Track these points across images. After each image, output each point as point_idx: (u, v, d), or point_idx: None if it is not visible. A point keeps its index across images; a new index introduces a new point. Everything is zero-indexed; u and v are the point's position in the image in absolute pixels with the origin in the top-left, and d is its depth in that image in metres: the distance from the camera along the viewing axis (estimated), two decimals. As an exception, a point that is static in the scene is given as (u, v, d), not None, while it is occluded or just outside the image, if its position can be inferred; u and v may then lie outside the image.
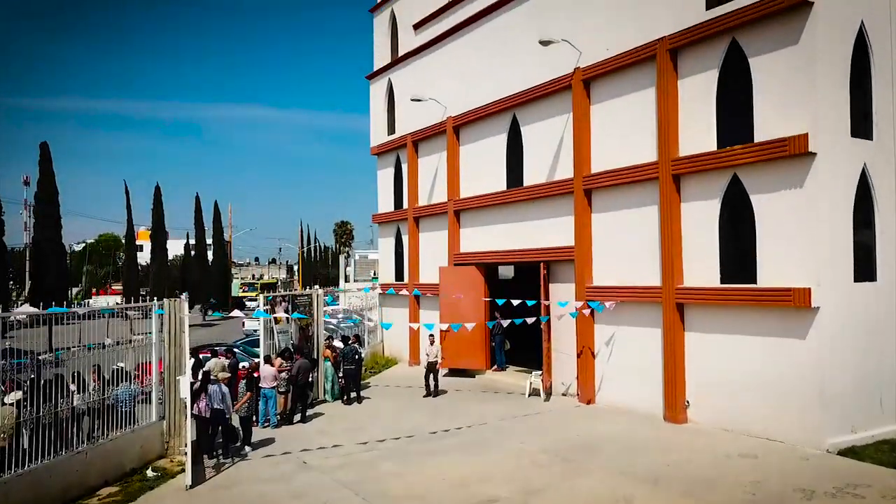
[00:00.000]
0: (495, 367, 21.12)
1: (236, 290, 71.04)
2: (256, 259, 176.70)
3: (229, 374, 13.71)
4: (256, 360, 19.20)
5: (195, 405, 12.65)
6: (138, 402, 12.80)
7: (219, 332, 46.55)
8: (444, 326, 18.56)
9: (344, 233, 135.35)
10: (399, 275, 25.77)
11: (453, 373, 21.16)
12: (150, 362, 14.13)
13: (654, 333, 15.02)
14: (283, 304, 16.98)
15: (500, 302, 18.55)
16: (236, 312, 25.20)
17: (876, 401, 12.78)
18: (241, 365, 14.75)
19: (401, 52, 25.32)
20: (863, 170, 12.83)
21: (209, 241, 63.82)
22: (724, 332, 13.62)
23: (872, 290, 12.92)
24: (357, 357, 17.67)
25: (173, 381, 12.73)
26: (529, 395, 17.76)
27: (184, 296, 13.36)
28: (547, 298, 17.56)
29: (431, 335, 18.82)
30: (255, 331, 37.47)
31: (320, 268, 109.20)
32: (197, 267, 54.25)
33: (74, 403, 11.27)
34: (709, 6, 13.83)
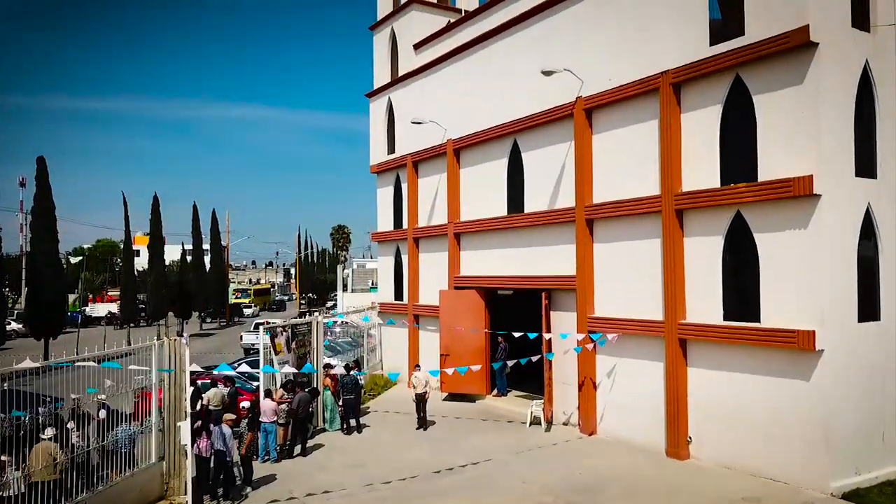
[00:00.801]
0: (496, 391, 21.03)
1: (230, 297, 70.79)
2: (253, 262, 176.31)
3: (234, 417, 13.58)
4: (256, 382, 19.13)
5: (196, 444, 12.53)
6: (137, 442, 12.65)
7: (217, 343, 46.44)
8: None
9: (341, 237, 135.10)
10: (398, 294, 25.67)
11: (454, 397, 21.08)
12: (149, 391, 14.03)
13: (657, 367, 14.96)
14: (284, 334, 16.87)
15: (502, 333, 18.45)
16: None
17: (879, 438, 12.74)
18: (242, 405, 14.61)
19: (401, 72, 25.24)
20: (867, 209, 12.78)
21: (206, 245, 63.61)
22: (728, 369, 13.56)
23: (876, 330, 12.88)
24: (357, 386, 17.58)
25: (173, 422, 12.60)
26: (530, 425, 17.68)
27: (185, 338, 13.18)
28: (549, 330, 17.49)
29: (417, 365, 18.63)
30: (254, 344, 37.65)
31: (318, 273, 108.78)
32: (194, 275, 54.00)
33: (75, 451, 11.12)
34: (712, 42, 13.77)
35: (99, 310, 63.66)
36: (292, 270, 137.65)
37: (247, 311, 73.27)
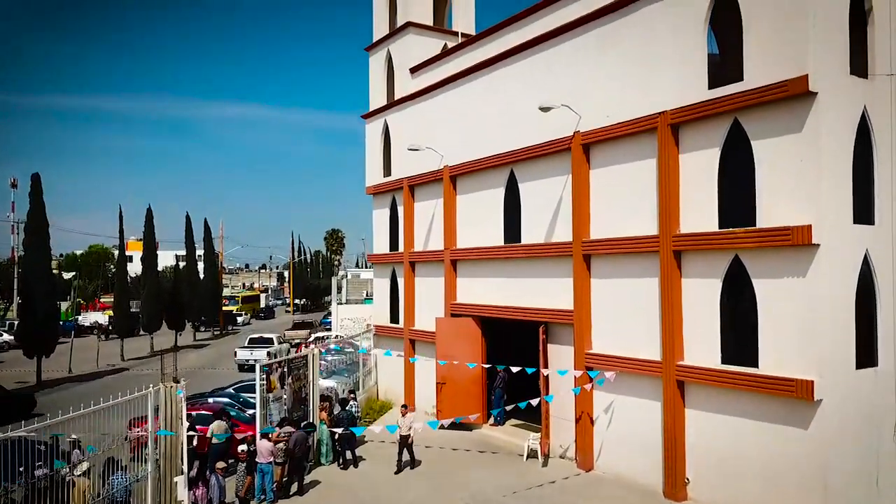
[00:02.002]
0: (492, 420, 20.99)
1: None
2: (246, 266, 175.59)
3: (225, 466, 13.49)
4: (251, 411, 19.00)
5: (192, 492, 12.47)
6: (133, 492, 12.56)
7: (211, 355, 46.26)
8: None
9: (335, 241, 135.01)
10: (394, 317, 25.61)
11: (450, 425, 20.99)
12: (144, 420, 13.95)
13: (654, 407, 14.96)
14: (279, 370, 16.77)
15: (500, 367, 18.41)
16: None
17: (873, 483, 12.77)
18: (240, 448, 14.50)
19: (397, 94, 25.18)
20: (865, 256, 12.80)
21: (200, 251, 63.45)
22: (726, 413, 13.55)
23: (873, 376, 12.90)
24: (353, 421, 17.51)
25: (169, 470, 12.52)
26: (527, 458, 17.66)
27: (182, 383, 13.09)
28: (546, 366, 17.47)
29: (404, 405, 18.24)
30: (248, 360, 37.51)
31: (311, 278, 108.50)
32: (188, 285, 53.79)
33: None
34: (711, 85, 13.77)
35: (91, 318, 63.37)
36: (286, 273, 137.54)
37: (239, 319, 72.89)
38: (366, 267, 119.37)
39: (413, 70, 24.26)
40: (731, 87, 13.26)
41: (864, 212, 12.92)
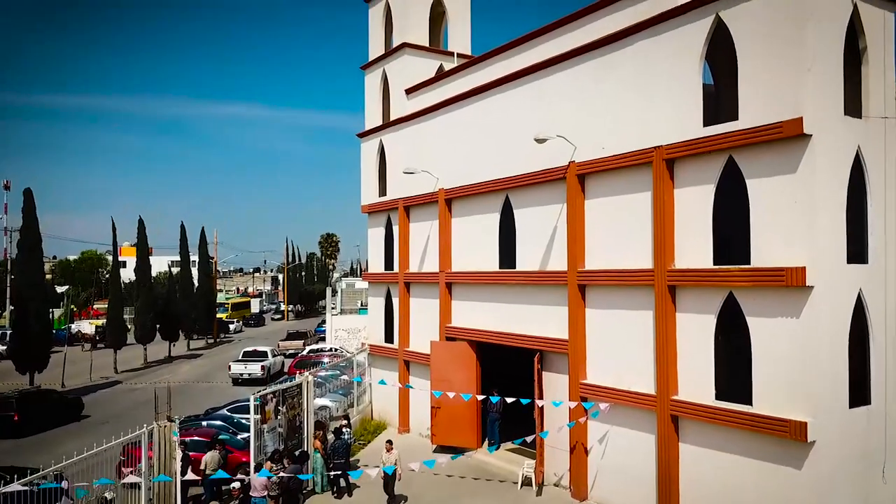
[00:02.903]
0: (487, 443, 20.96)
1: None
2: (240, 270, 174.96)
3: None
4: (245, 434, 18.94)
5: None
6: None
7: (205, 367, 45.98)
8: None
9: (330, 245, 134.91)
10: (389, 336, 25.58)
11: (444, 449, 21.00)
12: (138, 446, 13.92)
13: (649, 439, 14.98)
14: (273, 400, 16.74)
15: (495, 400, 18.43)
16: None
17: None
18: (233, 485, 14.44)
19: (393, 114, 25.17)
20: (858, 295, 12.86)
21: (194, 257, 63.12)
22: (720, 449, 13.59)
23: (866, 414, 12.96)
24: (347, 450, 17.48)
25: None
26: (522, 486, 17.66)
27: (176, 422, 13.05)
28: (541, 396, 17.48)
29: (389, 441, 17.69)
30: (242, 374, 37.39)
31: (306, 283, 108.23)
32: (182, 296, 53.58)
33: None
34: (707, 122, 13.84)
35: (84, 326, 62.90)
36: (280, 277, 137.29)
37: (231, 327, 72.23)
38: (361, 274, 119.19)
39: (409, 91, 24.27)
40: (726, 126, 13.32)
41: (857, 251, 12.99)
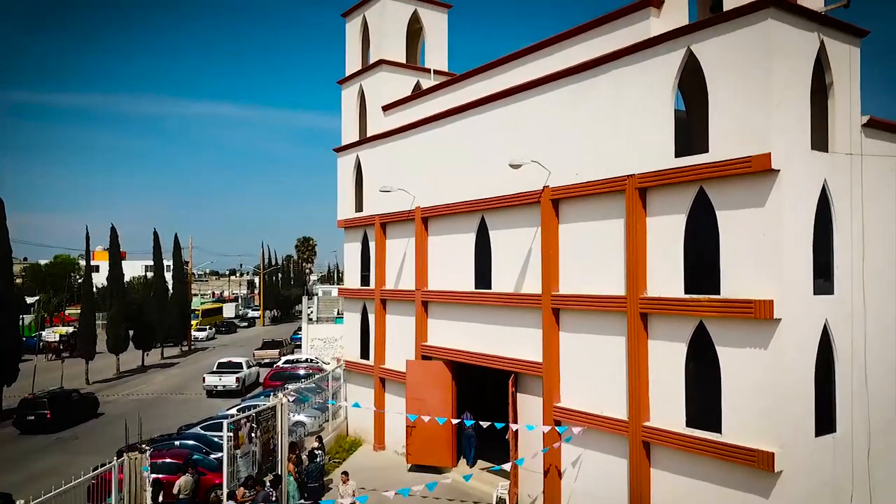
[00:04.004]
0: (462, 462, 21.04)
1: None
2: (216, 273, 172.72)
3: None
4: (218, 454, 18.80)
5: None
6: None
7: (179, 377, 45.43)
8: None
9: (307, 249, 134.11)
10: (365, 352, 25.53)
11: (419, 468, 21.04)
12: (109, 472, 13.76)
13: (621, 463, 15.15)
14: (247, 424, 16.64)
15: (469, 423, 18.48)
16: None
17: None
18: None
19: (370, 130, 25.17)
20: (824, 326, 13.14)
21: (168, 262, 62.49)
22: (690, 475, 13.77)
23: (832, 442, 13.24)
24: (321, 473, 17.44)
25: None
26: (496, 508, 17.76)
27: (147, 454, 12.94)
28: (515, 419, 17.58)
29: (345, 473, 17.31)
30: (216, 386, 37.05)
31: (282, 288, 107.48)
32: (156, 301, 52.90)
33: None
34: (678, 153, 14.04)
35: (49, 335, 61.54)
36: (256, 280, 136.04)
37: (200, 335, 69.94)
38: (338, 281, 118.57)
39: (386, 108, 24.28)
40: (697, 158, 13.53)
41: (823, 282, 13.27)
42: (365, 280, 25.59)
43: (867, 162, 14.05)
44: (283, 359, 42.28)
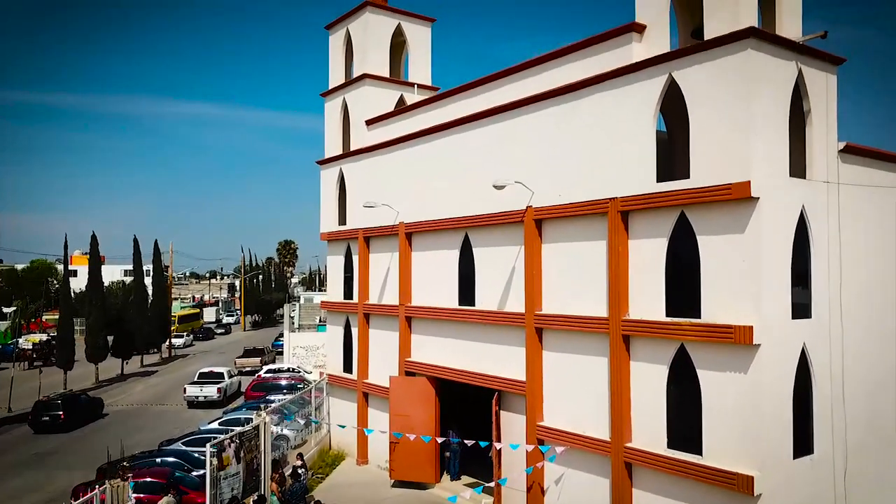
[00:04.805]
0: (445, 477, 21.09)
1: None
2: (196, 275, 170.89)
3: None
4: (200, 471, 18.71)
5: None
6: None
7: (159, 387, 44.95)
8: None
9: (288, 252, 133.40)
10: (348, 366, 25.49)
11: (402, 484, 21.06)
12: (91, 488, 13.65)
13: (604, 483, 15.29)
14: (232, 445, 16.58)
15: (455, 441, 18.54)
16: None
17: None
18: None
19: (353, 142, 25.16)
20: (802, 350, 13.37)
21: (148, 266, 61.71)
22: (672, 496, 13.94)
23: (809, 463, 13.47)
24: (304, 492, 17.41)
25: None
26: (479, 525, 17.82)
27: (130, 484, 12.85)
28: (499, 439, 17.68)
29: (318, 502, 17.26)
30: (198, 397, 36.76)
31: (263, 293, 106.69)
32: (136, 308, 52.36)
33: None
34: (660, 178, 14.22)
35: (28, 342, 60.70)
36: (237, 283, 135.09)
37: (177, 342, 68.40)
38: (320, 286, 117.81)
39: (369, 122, 24.29)
40: (679, 183, 13.71)
41: (801, 306, 13.49)
42: (348, 293, 25.56)
43: (844, 186, 14.32)
44: (265, 368, 42.00)
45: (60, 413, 32.24)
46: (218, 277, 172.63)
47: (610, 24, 15.66)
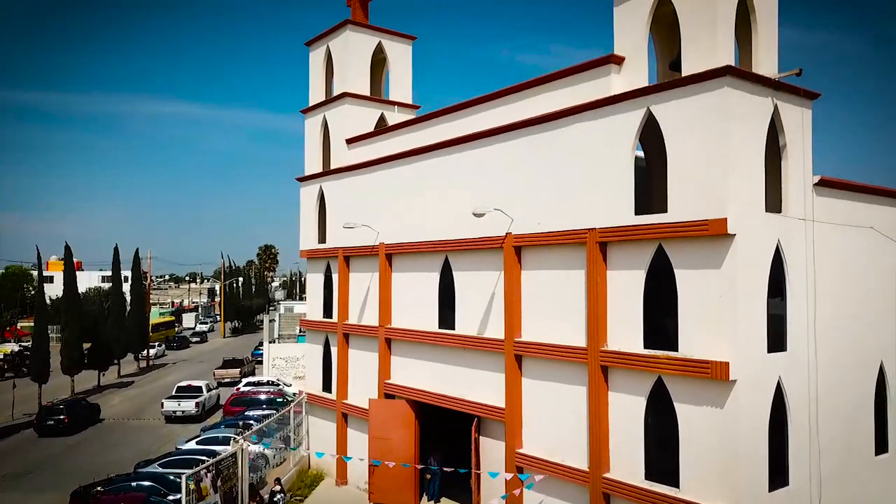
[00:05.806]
0: (426, 498, 21.03)
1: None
2: (175, 278, 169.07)
3: None
4: (177, 495, 18.47)
5: None
6: None
7: (137, 400, 44.31)
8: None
9: (268, 257, 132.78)
10: (327, 385, 25.35)
11: (382, 507, 20.97)
12: None
13: (582, 513, 15.34)
14: (209, 475, 16.40)
15: (434, 468, 18.49)
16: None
17: None
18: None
19: (333, 160, 25.05)
20: (778, 383, 13.50)
21: (127, 273, 60.83)
22: (649, 528, 14.02)
23: (785, 496, 13.59)
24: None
25: None
26: (458, 552, 17.79)
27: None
28: (478, 466, 17.66)
29: None
30: (175, 412, 36.32)
31: (243, 299, 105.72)
32: (113, 318, 51.62)
33: None
34: (638, 211, 14.29)
35: (3, 351, 59.63)
36: (217, 287, 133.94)
37: (151, 351, 65.40)
38: (300, 293, 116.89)
39: (350, 141, 24.19)
40: (656, 217, 13.79)
41: (777, 339, 13.62)
42: (328, 312, 25.42)
43: (819, 218, 14.49)
44: (244, 381, 41.58)
45: (64, 417, 34.03)
46: (198, 281, 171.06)
47: (589, 33, 15.67)
